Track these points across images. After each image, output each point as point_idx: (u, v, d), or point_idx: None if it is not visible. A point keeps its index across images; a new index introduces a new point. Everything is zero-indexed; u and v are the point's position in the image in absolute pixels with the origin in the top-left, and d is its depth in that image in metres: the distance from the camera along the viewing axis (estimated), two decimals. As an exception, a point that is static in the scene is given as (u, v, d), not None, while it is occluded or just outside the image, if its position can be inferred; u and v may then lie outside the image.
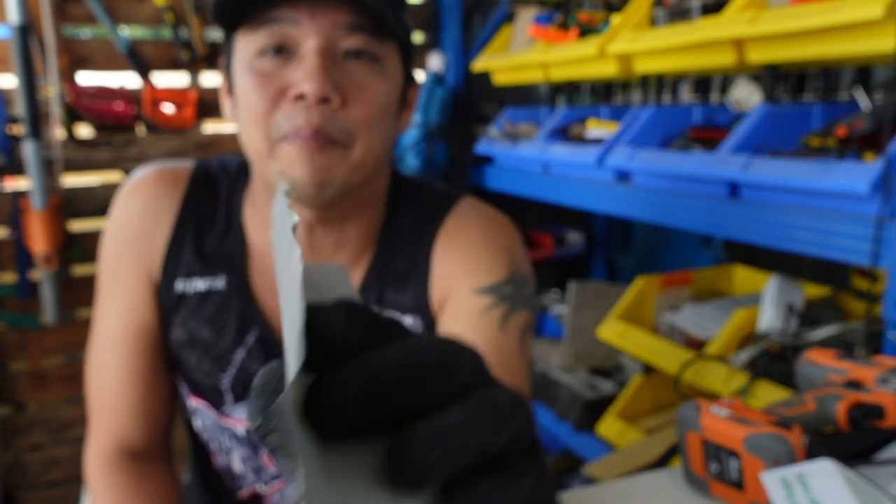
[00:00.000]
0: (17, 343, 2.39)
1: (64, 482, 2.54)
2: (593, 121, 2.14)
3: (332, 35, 0.84)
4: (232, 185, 1.04)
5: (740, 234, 1.56)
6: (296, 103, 0.84)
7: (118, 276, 1.02)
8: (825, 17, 1.33)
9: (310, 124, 0.83)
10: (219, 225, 1.02)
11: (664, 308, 2.03)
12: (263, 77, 0.85)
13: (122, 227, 1.02)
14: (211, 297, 1.00)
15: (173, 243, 1.01)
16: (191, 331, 1.01)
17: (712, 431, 0.86)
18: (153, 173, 1.05)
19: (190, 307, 1.01)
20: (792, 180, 1.39)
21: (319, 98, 0.83)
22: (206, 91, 2.52)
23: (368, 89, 0.87)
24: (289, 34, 0.84)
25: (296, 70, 0.85)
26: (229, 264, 1.01)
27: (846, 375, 0.98)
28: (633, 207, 1.87)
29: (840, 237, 1.34)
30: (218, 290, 1.00)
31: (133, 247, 1.01)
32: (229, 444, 1.09)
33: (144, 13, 2.41)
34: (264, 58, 0.85)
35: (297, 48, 0.85)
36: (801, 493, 0.73)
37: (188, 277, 1.00)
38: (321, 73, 0.82)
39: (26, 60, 2.11)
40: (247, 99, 0.87)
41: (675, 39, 1.70)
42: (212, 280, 1.00)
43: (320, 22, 0.84)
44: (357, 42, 0.85)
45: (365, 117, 0.87)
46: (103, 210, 2.41)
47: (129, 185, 1.05)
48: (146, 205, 1.02)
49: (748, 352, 1.60)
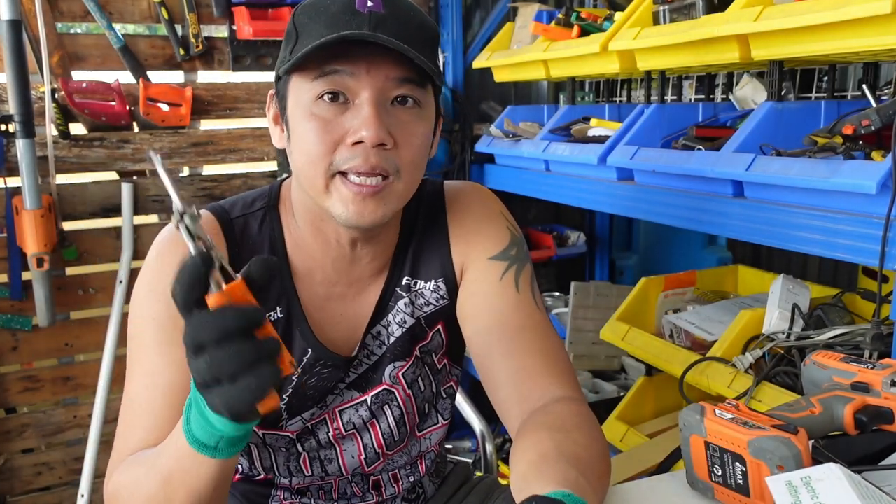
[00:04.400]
0: (8, 345, 2.36)
1: (56, 487, 2.51)
2: (595, 119, 2.12)
3: (385, 86, 0.96)
4: (262, 218, 1.12)
5: (745, 234, 1.53)
6: (354, 147, 0.96)
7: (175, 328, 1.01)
8: (832, 13, 1.30)
9: (367, 162, 0.96)
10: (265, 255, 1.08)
11: (667, 309, 2.01)
12: (323, 123, 0.96)
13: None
14: (276, 328, 1.07)
15: None
16: None
17: (716, 435, 0.85)
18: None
19: None
20: (798, 180, 1.37)
21: (376, 144, 0.95)
22: (201, 88, 2.50)
23: (414, 132, 1.00)
24: (347, 85, 0.96)
25: (352, 118, 0.96)
26: (283, 293, 1.10)
27: (853, 378, 0.96)
28: (636, 207, 1.85)
29: (847, 237, 1.31)
30: (278, 319, 1.09)
31: None
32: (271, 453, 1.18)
33: (139, 9, 2.39)
34: (322, 103, 0.96)
35: (353, 97, 0.96)
36: (807, 498, 0.72)
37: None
38: (377, 122, 0.95)
39: (18, 56, 2.09)
40: (306, 140, 0.97)
41: (678, 36, 1.69)
42: (272, 312, 1.09)
43: (375, 76, 0.95)
44: (404, 91, 0.98)
45: (412, 157, 1.00)
46: (97, 210, 2.39)
47: (165, 242, 1.06)
48: None
49: (753, 354, 1.58)
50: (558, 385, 1.03)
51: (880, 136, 1.36)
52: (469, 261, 1.15)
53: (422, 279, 1.16)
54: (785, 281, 1.72)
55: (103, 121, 2.35)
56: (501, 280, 1.12)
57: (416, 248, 1.16)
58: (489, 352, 1.08)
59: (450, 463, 1.40)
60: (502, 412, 1.07)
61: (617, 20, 1.95)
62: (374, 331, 1.14)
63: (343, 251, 1.09)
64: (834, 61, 1.72)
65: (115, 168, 2.42)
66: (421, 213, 1.17)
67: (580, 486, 0.79)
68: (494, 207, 1.20)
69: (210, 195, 2.53)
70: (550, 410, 0.98)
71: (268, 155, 2.62)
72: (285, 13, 2.47)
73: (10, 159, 2.21)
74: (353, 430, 1.16)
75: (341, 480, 1.21)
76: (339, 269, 1.11)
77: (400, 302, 1.14)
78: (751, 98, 1.91)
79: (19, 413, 2.45)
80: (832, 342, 1.52)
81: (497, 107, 2.82)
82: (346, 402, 1.15)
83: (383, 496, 1.23)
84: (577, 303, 2.53)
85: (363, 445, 1.18)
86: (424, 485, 1.30)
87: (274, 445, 1.16)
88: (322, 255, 1.09)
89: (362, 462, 1.18)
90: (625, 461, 1.84)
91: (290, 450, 1.17)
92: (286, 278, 1.10)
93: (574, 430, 0.93)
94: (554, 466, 0.83)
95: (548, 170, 2.23)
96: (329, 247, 1.08)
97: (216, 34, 2.53)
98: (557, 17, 2.22)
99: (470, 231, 1.16)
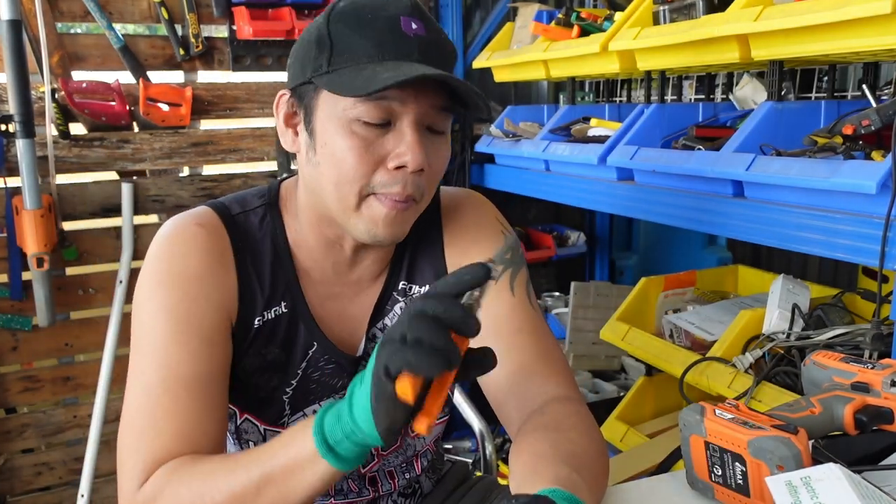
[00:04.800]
0: (8, 345, 2.36)
1: (56, 487, 2.51)
2: (595, 119, 2.12)
3: (427, 113, 0.98)
4: (263, 216, 1.11)
5: (745, 234, 1.53)
6: (394, 172, 0.97)
7: (189, 317, 1.01)
8: (832, 13, 1.30)
9: (405, 190, 0.98)
10: (268, 255, 1.10)
11: (667, 309, 2.00)
12: (365, 143, 0.96)
13: (186, 271, 1.03)
14: (280, 322, 1.09)
15: (241, 281, 1.06)
16: (264, 356, 1.09)
17: (716, 435, 0.85)
18: (191, 220, 1.07)
19: (265, 335, 1.08)
20: (798, 179, 1.37)
21: (418, 169, 0.97)
22: (201, 88, 2.50)
23: (441, 158, 1.04)
24: (394, 109, 0.96)
25: (395, 142, 0.97)
26: (287, 288, 1.10)
27: (853, 378, 0.96)
28: (636, 207, 1.85)
29: (847, 237, 1.31)
30: (283, 313, 1.09)
31: (205, 289, 1.03)
32: None
33: (139, 9, 2.39)
34: (366, 125, 0.96)
35: (396, 120, 0.97)
36: (807, 498, 0.72)
37: (263, 310, 1.08)
38: (421, 149, 0.96)
39: (18, 56, 2.09)
40: (344, 158, 0.97)
41: (678, 36, 1.69)
42: (277, 307, 1.09)
43: (422, 103, 0.96)
44: (441, 119, 1.00)
45: (435, 179, 1.04)
46: (97, 210, 2.39)
47: (173, 235, 1.05)
48: (205, 248, 1.05)
49: (753, 354, 1.58)
50: (556, 385, 1.04)
51: (880, 136, 1.36)
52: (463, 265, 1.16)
53: (417, 283, 1.16)
54: (785, 281, 1.72)
55: (103, 121, 2.35)
56: (497, 284, 1.12)
57: (413, 252, 1.16)
58: None
59: (448, 462, 1.41)
60: (501, 414, 1.07)
61: (617, 20, 1.95)
62: (371, 333, 1.14)
63: (344, 255, 1.10)
64: (834, 61, 1.72)
65: (115, 168, 2.42)
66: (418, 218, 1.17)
67: (573, 482, 0.80)
68: (489, 213, 1.21)
69: (210, 195, 2.53)
70: (548, 410, 0.98)
71: (268, 155, 2.62)
72: (285, 13, 2.47)
73: (10, 159, 2.21)
74: None
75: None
76: (338, 272, 1.11)
77: (397, 306, 1.15)
78: (751, 98, 1.91)
79: (19, 413, 2.45)
80: (832, 342, 1.52)
81: (497, 107, 2.82)
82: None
83: (379, 492, 1.24)
84: (577, 303, 2.53)
85: None
86: (421, 482, 1.30)
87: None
88: (322, 258, 1.10)
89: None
90: (625, 461, 1.84)
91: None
92: (290, 274, 1.10)
93: (571, 430, 0.93)
94: (549, 466, 0.83)
95: (548, 170, 2.23)
96: (331, 250, 1.09)
97: (216, 34, 2.53)
98: (557, 17, 2.22)
99: (464, 236, 1.17)
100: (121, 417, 1.02)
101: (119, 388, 2.41)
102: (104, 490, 2.50)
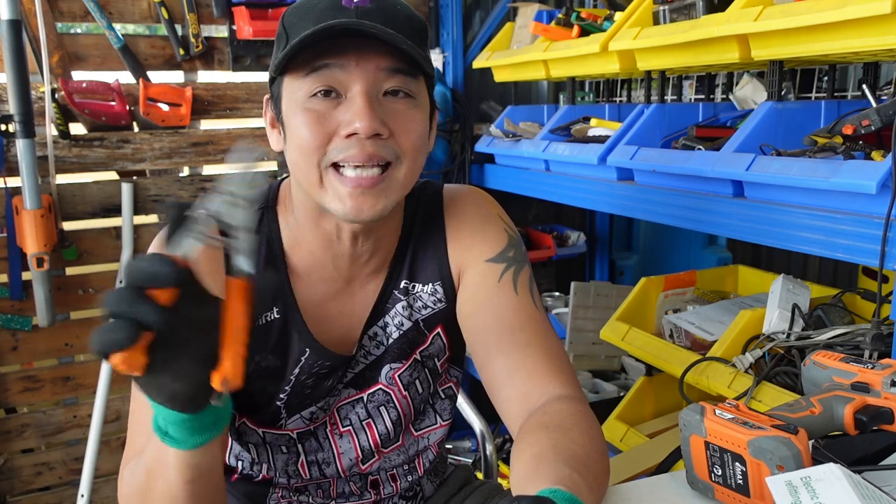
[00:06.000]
0: (8, 345, 2.36)
1: (56, 487, 2.51)
2: (595, 119, 2.12)
3: (376, 78, 0.97)
4: (259, 220, 1.12)
5: (745, 234, 1.53)
6: (348, 139, 0.96)
7: None
8: (832, 13, 1.30)
9: (364, 152, 0.96)
10: (262, 257, 1.10)
11: (667, 309, 2.00)
12: (316, 116, 0.97)
13: None
14: (272, 328, 1.10)
15: None
16: (258, 362, 1.10)
17: (716, 435, 0.85)
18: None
19: (257, 342, 1.08)
20: (798, 179, 1.37)
21: (370, 134, 0.96)
22: (201, 88, 2.50)
23: (410, 119, 1.01)
24: (338, 78, 0.97)
25: (345, 111, 0.97)
26: (278, 294, 1.10)
27: (853, 378, 0.96)
28: (636, 207, 1.85)
29: (847, 237, 1.31)
30: (275, 319, 1.09)
31: None
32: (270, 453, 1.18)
33: (139, 9, 2.39)
34: (315, 99, 0.97)
35: (346, 91, 0.97)
36: (807, 498, 0.72)
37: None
38: (370, 113, 0.95)
39: (18, 56, 2.08)
40: (300, 134, 0.98)
41: (678, 36, 1.69)
42: (269, 312, 1.09)
43: (365, 67, 0.96)
44: (396, 83, 0.99)
45: (411, 143, 1.01)
46: (97, 210, 2.39)
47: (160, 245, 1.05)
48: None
49: (753, 354, 1.58)
50: (558, 384, 1.03)
51: (880, 136, 1.36)
52: (467, 264, 1.16)
53: (419, 282, 1.16)
54: (785, 281, 1.72)
55: (103, 121, 2.35)
56: (500, 282, 1.12)
57: (414, 251, 1.16)
58: (489, 353, 1.08)
59: (450, 465, 1.40)
60: (503, 412, 1.07)
61: (617, 20, 1.95)
62: (371, 332, 1.14)
63: (343, 247, 1.09)
64: (834, 61, 1.72)
65: (115, 168, 2.42)
66: (419, 216, 1.18)
67: (574, 482, 0.79)
68: (492, 210, 1.20)
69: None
70: (549, 410, 0.98)
71: (268, 155, 2.62)
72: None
73: (10, 159, 2.20)
74: (349, 427, 1.17)
75: (339, 480, 1.21)
76: (338, 266, 1.11)
77: (398, 305, 1.15)
78: (751, 98, 1.91)
79: (19, 413, 2.45)
80: (832, 342, 1.52)
81: (497, 107, 2.82)
82: (343, 399, 1.16)
83: (381, 495, 1.24)
84: (577, 303, 2.52)
85: (359, 443, 1.18)
86: (423, 484, 1.30)
87: (274, 444, 1.16)
88: (322, 253, 1.09)
89: (358, 461, 1.19)
90: (625, 461, 1.83)
91: (290, 449, 1.17)
92: (283, 279, 1.10)
93: (573, 429, 0.93)
94: (550, 466, 0.83)
95: (548, 170, 2.23)
96: (329, 243, 1.08)
97: (216, 34, 2.53)
98: (557, 17, 2.22)
99: (467, 234, 1.17)
100: None
101: (119, 388, 2.41)
102: (104, 490, 2.50)
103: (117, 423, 2.53)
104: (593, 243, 3.17)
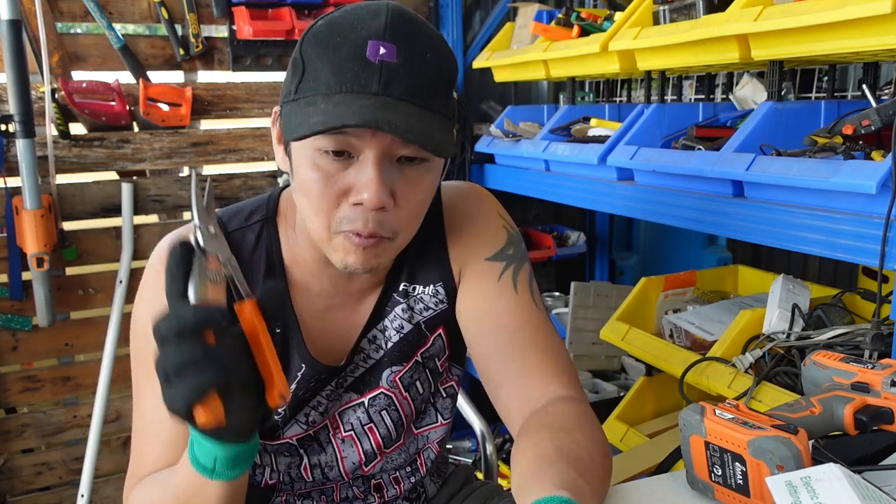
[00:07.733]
0: (8, 345, 2.36)
1: (56, 487, 2.51)
2: (595, 119, 2.12)
3: (392, 145, 0.92)
4: (259, 232, 1.11)
5: (745, 234, 1.53)
6: (355, 207, 0.94)
7: None
8: (832, 13, 1.30)
9: (366, 227, 0.94)
10: (260, 273, 1.09)
11: (667, 309, 2.00)
12: (326, 176, 0.93)
13: None
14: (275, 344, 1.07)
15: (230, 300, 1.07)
16: None
17: (716, 435, 0.84)
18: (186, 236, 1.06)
19: None
20: (798, 179, 1.36)
21: (376, 207, 0.92)
22: (201, 88, 2.50)
23: (418, 188, 0.97)
24: (352, 143, 0.92)
25: (356, 174, 0.93)
26: (279, 307, 1.07)
27: (853, 378, 0.96)
28: (636, 207, 1.84)
29: (847, 237, 1.31)
30: (276, 332, 1.06)
31: None
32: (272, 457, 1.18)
33: (139, 9, 2.39)
34: (328, 157, 0.93)
35: (358, 153, 0.93)
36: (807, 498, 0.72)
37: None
38: (379, 185, 0.91)
39: (18, 56, 2.08)
40: (309, 188, 0.95)
41: (678, 36, 1.68)
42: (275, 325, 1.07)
43: (381, 138, 0.91)
44: (412, 151, 0.94)
45: (411, 216, 0.99)
46: (97, 210, 2.39)
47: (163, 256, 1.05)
48: None
49: (753, 354, 1.58)
50: (559, 384, 1.03)
51: (880, 136, 1.36)
52: (466, 263, 1.15)
53: (420, 284, 1.15)
54: (785, 281, 1.71)
55: (103, 121, 2.35)
56: (499, 280, 1.12)
57: (414, 253, 1.14)
58: (489, 352, 1.08)
59: (451, 464, 1.40)
60: (503, 412, 1.07)
61: (617, 20, 1.95)
62: (371, 335, 1.13)
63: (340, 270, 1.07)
64: (834, 61, 1.72)
65: (115, 168, 2.42)
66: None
67: (577, 486, 0.79)
68: (491, 207, 1.19)
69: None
70: (551, 410, 0.98)
71: (268, 155, 2.62)
72: (285, 13, 2.47)
73: (10, 159, 2.21)
74: (350, 432, 1.16)
75: (342, 484, 1.21)
76: (336, 285, 1.10)
77: (397, 308, 1.14)
78: (751, 98, 1.90)
79: (19, 413, 2.45)
80: (832, 342, 1.52)
81: (497, 107, 2.82)
82: (343, 403, 1.15)
83: (385, 498, 1.23)
84: (577, 303, 2.52)
85: (362, 448, 1.17)
86: (426, 485, 1.29)
87: (277, 451, 1.16)
88: (320, 273, 1.09)
89: (361, 464, 1.18)
90: (625, 461, 1.83)
91: (292, 455, 1.17)
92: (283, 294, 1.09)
93: (575, 430, 0.93)
94: (553, 467, 0.82)
95: (548, 170, 2.23)
96: (326, 266, 1.06)
97: (216, 34, 2.53)
98: (557, 17, 2.22)
99: (466, 233, 1.16)
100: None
101: (119, 388, 2.41)
102: (104, 490, 2.50)
103: (117, 423, 2.53)
104: (593, 243, 3.17)
